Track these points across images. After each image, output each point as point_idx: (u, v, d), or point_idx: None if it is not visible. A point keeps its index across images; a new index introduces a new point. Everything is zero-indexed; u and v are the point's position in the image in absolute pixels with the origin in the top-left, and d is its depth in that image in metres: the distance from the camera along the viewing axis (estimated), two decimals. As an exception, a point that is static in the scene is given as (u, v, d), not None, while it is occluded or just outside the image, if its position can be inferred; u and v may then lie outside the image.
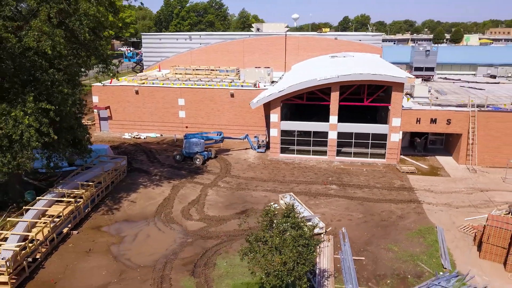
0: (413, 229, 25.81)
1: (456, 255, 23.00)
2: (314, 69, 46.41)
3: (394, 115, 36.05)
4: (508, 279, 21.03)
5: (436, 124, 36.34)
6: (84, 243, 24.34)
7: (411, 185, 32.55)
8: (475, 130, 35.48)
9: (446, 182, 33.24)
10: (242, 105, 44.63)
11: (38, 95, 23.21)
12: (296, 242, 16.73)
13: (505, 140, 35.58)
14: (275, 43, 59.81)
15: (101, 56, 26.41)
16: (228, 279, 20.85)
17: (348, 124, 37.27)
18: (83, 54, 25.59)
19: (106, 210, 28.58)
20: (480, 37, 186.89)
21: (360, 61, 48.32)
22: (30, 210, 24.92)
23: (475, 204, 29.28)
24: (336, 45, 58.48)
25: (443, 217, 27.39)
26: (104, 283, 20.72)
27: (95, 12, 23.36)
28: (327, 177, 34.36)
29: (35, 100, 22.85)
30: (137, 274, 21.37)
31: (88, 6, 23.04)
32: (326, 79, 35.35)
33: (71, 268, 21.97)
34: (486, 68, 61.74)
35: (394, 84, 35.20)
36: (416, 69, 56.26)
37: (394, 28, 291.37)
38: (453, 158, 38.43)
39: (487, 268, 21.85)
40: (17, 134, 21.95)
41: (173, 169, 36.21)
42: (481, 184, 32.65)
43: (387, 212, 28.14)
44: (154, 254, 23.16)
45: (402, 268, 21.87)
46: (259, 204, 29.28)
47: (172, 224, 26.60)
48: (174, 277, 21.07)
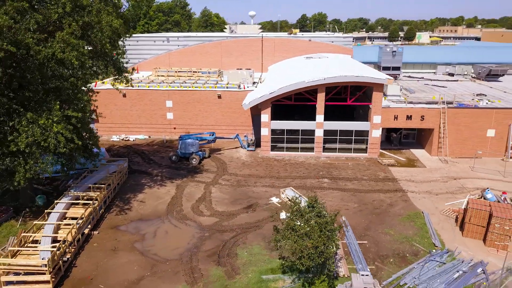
0: (403, 214, 29.20)
1: (443, 235, 26.53)
2: (294, 70, 49.21)
3: (375, 113, 39.53)
4: (488, 252, 24.74)
5: (411, 120, 40.24)
6: (107, 242, 25.75)
7: (394, 176, 36.12)
8: (446, 125, 39.66)
9: (423, 172, 37.12)
10: (229, 106, 46.74)
11: (61, 103, 24.34)
12: (323, 228, 19.31)
13: (471, 133, 40.03)
14: (252, 45, 62.16)
15: (118, 65, 27.75)
16: (252, 266, 23.15)
17: (334, 122, 40.39)
18: (100, 63, 26.81)
19: (118, 210, 29.94)
20: (431, 35, 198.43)
21: (336, 62, 51.68)
22: (52, 214, 25.96)
23: (451, 191, 33.20)
24: (310, 46, 61.77)
25: (427, 203, 31.03)
26: (138, 276, 22.41)
27: (117, 24, 24.79)
28: (318, 171, 37.30)
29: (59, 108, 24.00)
30: (167, 267, 23.19)
31: (111, 19, 24.41)
32: (313, 81, 38.21)
33: (102, 265, 23.43)
34: (445, 66, 67.22)
35: (375, 85, 38.64)
36: (384, 68, 60.45)
37: (349, 26, 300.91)
38: (426, 150, 42.59)
39: (470, 245, 25.50)
40: (46, 142, 23.03)
41: (172, 169, 37.81)
42: (453, 173, 36.78)
43: (378, 201, 31.42)
44: (177, 248, 25.02)
45: (400, 248, 25.08)
46: (262, 199, 31.69)
47: (186, 220, 28.46)
48: (203, 268, 23.09)
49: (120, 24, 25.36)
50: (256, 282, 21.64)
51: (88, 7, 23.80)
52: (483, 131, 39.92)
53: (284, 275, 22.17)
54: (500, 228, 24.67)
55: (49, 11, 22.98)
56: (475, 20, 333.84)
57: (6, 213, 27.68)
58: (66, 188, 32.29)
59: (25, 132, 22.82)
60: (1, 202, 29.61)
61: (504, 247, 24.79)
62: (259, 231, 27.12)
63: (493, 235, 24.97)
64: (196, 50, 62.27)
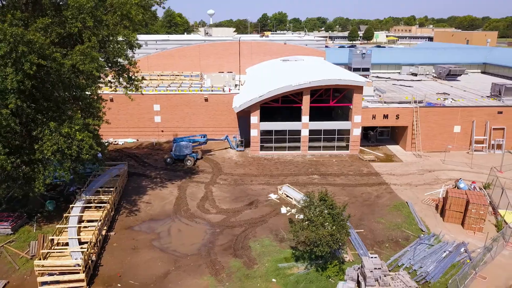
0: (390, 205, 32.60)
1: (427, 221, 30.10)
2: (275, 73, 51.86)
3: (356, 113, 42.94)
4: (466, 234, 28.48)
5: (388, 119, 44.03)
6: (126, 242, 27.32)
7: (376, 170, 39.64)
8: (418, 123, 43.72)
9: (401, 166, 40.93)
10: (216, 109, 48.77)
11: (81, 111, 25.68)
12: (336, 218, 22.07)
13: (440, 130, 44.34)
14: (229, 48, 64.20)
15: (129, 74, 29.20)
16: (267, 256, 25.58)
17: (318, 122, 43.43)
18: (115, 73, 28.21)
19: (128, 212, 31.41)
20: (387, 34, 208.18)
21: (313, 65, 54.82)
22: (71, 217, 27.17)
23: (428, 182, 37.08)
24: (286, 49, 64.67)
25: (409, 194, 34.65)
26: (164, 271, 24.26)
27: (134, 38, 26.36)
28: (307, 168, 40.20)
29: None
30: (189, 261, 25.17)
31: (129, 33, 25.94)
32: (300, 84, 41.03)
33: (127, 263, 25.06)
34: (409, 67, 72.40)
35: (355, 87, 42.01)
36: (355, 69, 64.35)
37: (308, 25, 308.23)
38: (400, 146, 46.60)
39: (451, 228, 29.19)
40: (70, 149, 24.34)
41: (169, 171, 39.46)
42: (427, 166, 40.82)
43: (366, 193, 34.70)
44: (194, 244, 27.01)
45: (393, 235, 28.34)
46: (261, 196, 34.14)
47: (195, 218, 30.43)
48: (222, 260, 25.26)
49: (135, 37, 26.92)
50: (274, 270, 24.10)
51: (105, 21, 25.22)
52: (451, 127, 44.35)
53: (297, 262, 24.78)
54: (476, 213, 28.49)
55: (70, 25, 24.24)
56: (425, 19, 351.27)
57: (20, 219, 28.49)
58: (71, 193, 33.30)
59: (49, 140, 24.00)
60: (11, 209, 30.27)
61: (480, 229, 28.63)
62: (265, 225, 29.57)
63: (470, 219, 28.75)
64: (175, 53, 63.48)
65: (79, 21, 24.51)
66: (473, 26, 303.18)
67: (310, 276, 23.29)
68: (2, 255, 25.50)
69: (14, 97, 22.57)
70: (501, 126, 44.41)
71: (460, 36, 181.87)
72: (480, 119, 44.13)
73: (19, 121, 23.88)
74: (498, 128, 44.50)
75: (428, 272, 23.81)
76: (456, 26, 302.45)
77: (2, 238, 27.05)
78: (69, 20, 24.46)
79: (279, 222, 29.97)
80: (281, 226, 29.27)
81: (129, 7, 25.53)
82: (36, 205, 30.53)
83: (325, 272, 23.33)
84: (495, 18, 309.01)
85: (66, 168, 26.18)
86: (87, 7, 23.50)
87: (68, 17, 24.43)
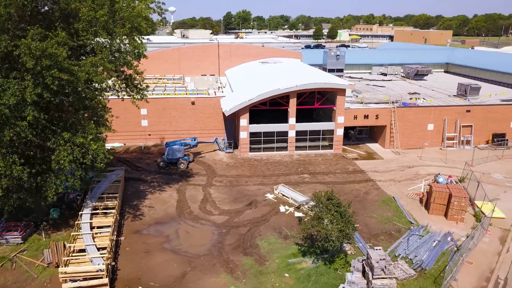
0: (379, 200, 35.21)
1: (414, 214, 32.89)
2: (257, 75, 53.64)
3: (339, 114, 45.43)
4: (450, 224, 31.46)
5: (368, 119, 46.86)
6: (137, 246, 28.27)
7: (361, 168, 42.29)
8: (396, 122, 46.82)
9: (383, 163, 43.83)
10: (203, 112, 49.91)
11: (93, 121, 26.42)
12: (344, 215, 24.18)
13: (415, 128, 47.68)
14: (208, 50, 65.28)
15: (135, 83, 29.99)
16: (275, 253, 27.36)
17: (304, 124, 45.60)
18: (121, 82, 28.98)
19: (132, 216, 32.25)
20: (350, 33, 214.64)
21: (293, 67, 57.08)
22: (83, 224, 27.80)
23: (409, 177, 40.09)
24: (264, 52, 66.58)
25: (394, 189, 37.44)
26: (181, 272, 25.52)
27: (143, 49, 27.27)
28: (296, 168, 42.28)
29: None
30: (203, 261, 26.54)
31: (139, 44, 26.83)
32: (288, 88, 43.00)
33: (143, 266, 26.09)
34: (379, 67, 76.16)
35: (339, 90, 44.46)
36: (330, 70, 67.25)
37: (272, 23, 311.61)
38: (379, 144, 49.62)
39: (436, 220, 32.09)
40: (86, 158, 25.07)
41: (164, 175, 40.37)
42: (406, 163, 43.95)
43: (355, 190, 37.18)
44: (204, 245, 28.38)
45: (385, 228, 30.87)
46: (258, 196, 35.85)
47: (200, 220, 31.74)
48: (234, 259, 26.80)
49: (145, 48, 27.85)
50: (285, 266, 25.92)
51: (116, 33, 26.02)
52: (425, 125, 47.78)
53: (304, 257, 26.73)
54: (458, 205, 31.51)
55: (82, 37, 24.89)
56: (384, 18, 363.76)
57: (28, 228, 28.76)
58: (72, 200, 33.62)
59: (65, 150, 24.62)
60: (14, 218, 30.36)
61: (461, 219, 31.71)
62: (267, 224, 31.32)
63: (452, 211, 31.76)
64: (154, 56, 63.51)
65: (90, 34, 25.20)
66: (428, 24, 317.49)
67: (320, 269, 25.31)
68: (17, 264, 25.84)
69: (31, 109, 23.10)
70: (469, 123, 48.33)
71: (419, 35, 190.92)
72: (451, 117, 47.82)
73: (35, 132, 24.33)
74: (466, 125, 48.41)
75: (422, 260, 26.41)
76: (413, 24, 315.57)
77: (13, 248, 27.28)
78: (80, 32, 25.09)
79: (280, 220, 31.81)
80: (283, 224, 31.14)
81: (140, 20, 26.44)
82: (40, 213, 30.78)
83: (332, 265, 25.42)
84: (448, 17, 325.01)
85: (78, 176, 26.84)
86: (101, 20, 24.26)
87: (79, 30, 25.06)
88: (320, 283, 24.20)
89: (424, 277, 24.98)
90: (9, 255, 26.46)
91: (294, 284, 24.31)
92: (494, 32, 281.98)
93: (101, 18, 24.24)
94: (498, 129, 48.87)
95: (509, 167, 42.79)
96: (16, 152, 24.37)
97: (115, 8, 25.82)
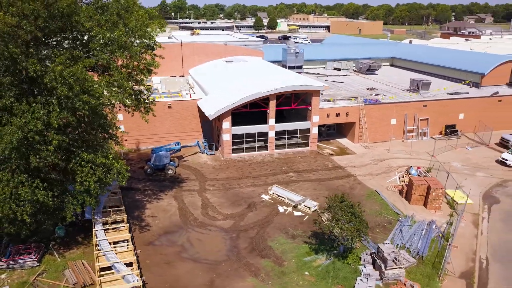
0: (364, 195, 38.60)
1: (398, 206, 36.64)
2: (229, 76, 54.92)
3: (314, 114, 48.24)
4: (429, 212, 35.60)
5: (339, 116, 50.23)
6: (156, 257, 28.94)
7: (339, 164, 45.55)
8: (365, 118, 50.67)
9: (357, 158, 47.48)
10: (179, 115, 50.26)
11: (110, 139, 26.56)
12: (358, 215, 26.90)
13: (380, 124, 51.94)
14: (171, 50, 64.71)
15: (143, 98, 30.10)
16: (290, 253, 29.51)
17: (283, 124, 47.86)
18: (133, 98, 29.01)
19: (139, 228, 32.60)
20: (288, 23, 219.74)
21: (258, 66, 59.04)
22: (101, 242, 27.85)
23: (384, 171, 44.05)
24: (226, 50, 67.50)
25: (373, 183, 41.08)
26: (209, 279, 26.79)
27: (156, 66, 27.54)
28: (281, 167, 44.54)
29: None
30: (225, 267, 27.97)
31: (153, 61, 27.11)
32: (268, 91, 44.85)
33: (169, 277, 26.95)
34: (332, 62, 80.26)
35: (314, 91, 47.16)
36: (290, 67, 69.97)
37: (208, 12, 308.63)
38: (348, 139, 53.34)
39: (417, 209, 36.07)
40: (108, 178, 25.26)
41: (155, 182, 40.62)
42: (377, 156, 47.99)
43: (340, 186, 40.28)
44: (220, 251, 29.75)
45: (378, 221, 34.23)
46: (254, 198, 37.64)
47: (207, 226, 32.93)
48: (253, 262, 28.54)
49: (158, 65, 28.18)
50: (303, 264, 28.19)
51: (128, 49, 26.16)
52: (388, 120, 52.20)
53: (317, 255, 29.19)
54: (436, 195, 35.71)
55: (98, 57, 24.82)
56: (315, 7, 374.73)
57: (40, 249, 28.20)
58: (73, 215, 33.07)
59: (88, 172, 24.65)
60: (17, 240, 29.46)
61: (439, 207, 36.00)
62: (272, 225, 33.31)
63: (431, 201, 35.92)
64: (116, 56, 62.16)
65: (105, 53, 25.21)
66: (357, 13, 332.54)
67: (336, 265, 27.92)
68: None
69: (54, 133, 22.90)
70: (426, 117, 53.57)
71: (353, 26, 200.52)
72: (410, 112, 52.67)
73: (60, 156, 24.08)
74: (423, 118, 53.60)
75: (418, 248, 30.05)
76: (343, 13, 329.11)
77: (29, 271, 26.73)
78: (96, 52, 25.00)
79: (283, 221, 33.95)
80: (286, 224, 33.33)
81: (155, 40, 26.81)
82: (47, 232, 30.15)
83: (346, 260, 28.14)
84: (374, 7, 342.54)
85: (94, 194, 26.89)
86: (119, 40, 24.37)
87: (95, 49, 24.95)
88: (339, 278, 26.80)
89: (423, 264, 28.56)
90: (28, 280, 26.01)
91: (316, 281, 26.68)
92: (416, 21, 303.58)
93: (120, 38, 24.36)
94: (449, 121, 54.69)
95: (464, 156, 48.43)
96: (38, 176, 23.96)
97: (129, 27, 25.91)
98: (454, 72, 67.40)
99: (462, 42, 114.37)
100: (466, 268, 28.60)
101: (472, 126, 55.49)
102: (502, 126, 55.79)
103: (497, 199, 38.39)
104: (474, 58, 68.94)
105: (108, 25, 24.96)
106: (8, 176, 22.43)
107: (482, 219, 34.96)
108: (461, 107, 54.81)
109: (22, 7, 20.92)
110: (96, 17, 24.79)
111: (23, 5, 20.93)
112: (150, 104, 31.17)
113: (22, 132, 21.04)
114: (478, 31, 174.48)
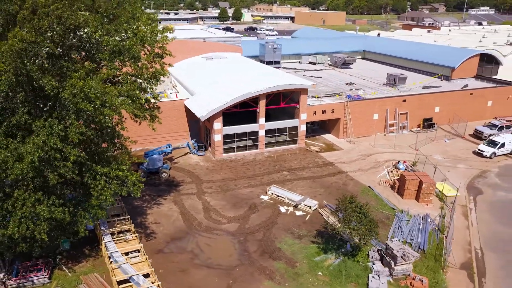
0: (358, 191, 39.98)
1: (392, 201, 38.27)
2: (212, 73, 54.67)
3: (302, 112, 49.08)
4: (422, 206, 37.47)
5: (325, 113, 51.38)
6: (168, 265, 28.88)
7: (328, 160, 46.74)
8: (349, 114, 52.09)
9: (344, 154, 48.87)
10: (166, 115, 49.31)
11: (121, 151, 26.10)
12: (367, 215, 28.02)
13: (364, 119, 53.60)
14: (149, 47, 63.40)
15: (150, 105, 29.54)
16: (300, 254, 30.31)
17: (272, 122, 48.38)
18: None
19: (145, 236, 32.29)
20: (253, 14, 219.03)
21: (240, 63, 59.08)
22: (114, 254, 27.44)
23: (372, 166, 45.66)
24: (205, 46, 66.94)
25: (365, 178, 42.57)
26: (226, 285, 27.10)
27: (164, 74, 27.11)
28: (274, 166, 45.16)
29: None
30: (240, 271, 28.38)
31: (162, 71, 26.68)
32: (258, 91, 45.15)
33: (186, 285, 27.04)
34: (307, 56, 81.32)
35: (302, 90, 47.92)
36: (268, 62, 70.49)
37: (169, 1, 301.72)
38: (333, 135, 54.69)
39: (410, 204, 37.83)
40: (122, 191, 24.91)
41: (150, 186, 40.09)
42: (363, 151, 49.59)
43: (334, 183, 41.46)
44: (231, 255, 30.10)
45: (376, 216, 35.40)
46: (254, 199, 38.09)
47: (213, 231, 33.10)
48: (266, 265, 29.11)
49: (167, 74, 27.72)
50: (314, 265, 29.07)
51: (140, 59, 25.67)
52: (371, 115, 53.93)
53: (327, 254, 30.17)
54: (427, 189, 37.60)
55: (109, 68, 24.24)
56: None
57: (49, 264, 27.42)
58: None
59: (104, 185, 24.21)
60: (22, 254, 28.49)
61: (430, 201, 37.94)
62: (277, 226, 33.95)
63: (423, 195, 37.77)
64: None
65: (114, 62, 24.66)
66: (318, 3, 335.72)
67: (346, 263, 29.00)
68: (56, 305, 24.97)
69: (70, 148, 22.32)
70: (405, 111, 55.76)
71: (317, 16, 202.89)
72: (391, 107, 54.63)
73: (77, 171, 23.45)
74: (403, 113, 55.77)
75: (419, 242, 31.70)
76: (304, 3, 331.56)
77: (41, 289, 26.07)
78: (105, 62, 24.39)
79: (286, 221, 34.68)
80: (290, 225, 34.08)
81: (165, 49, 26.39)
82: (51, 246, 29.26)
83: (356, 258, 29.30)
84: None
85: (105, 207, 26.46)
86: (132, 51, 23.90)
87: (105, 59, 24.34)
88: (352, 276, 27.92)
89: (426, 257, 30.21)
90: (43, 298, 25.36)
91: (330, 280, 27.66)
92: (375, 10, 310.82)
93: (132, 49, 23.89)
94: (426, 114, 57.19)
95: (443, 148, 50.99)
96: (53, 192, 23.30)
97: (138, 36, 25.37)
98: (425, 66, 70.35)
99: (425, 34, 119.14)
100: (465, 259, 30.52)
101: (447, 118, 58.33)
102: (474, 118, 59.04)
103: (480, 190, 40.90)
104: (442, 51, 72.17)
105: (118, 34, 24.38)
106: (25, 195, 21.67)
107: (470, 210, 37.20)
108: (437, 100, 57.41)
109: (38, 24, 20.06)
110: (106, 27, 24.15)
111: (39, 23, 20.07)
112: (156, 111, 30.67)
113: (42, 151, 20.35)
114: (437, 22, 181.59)
